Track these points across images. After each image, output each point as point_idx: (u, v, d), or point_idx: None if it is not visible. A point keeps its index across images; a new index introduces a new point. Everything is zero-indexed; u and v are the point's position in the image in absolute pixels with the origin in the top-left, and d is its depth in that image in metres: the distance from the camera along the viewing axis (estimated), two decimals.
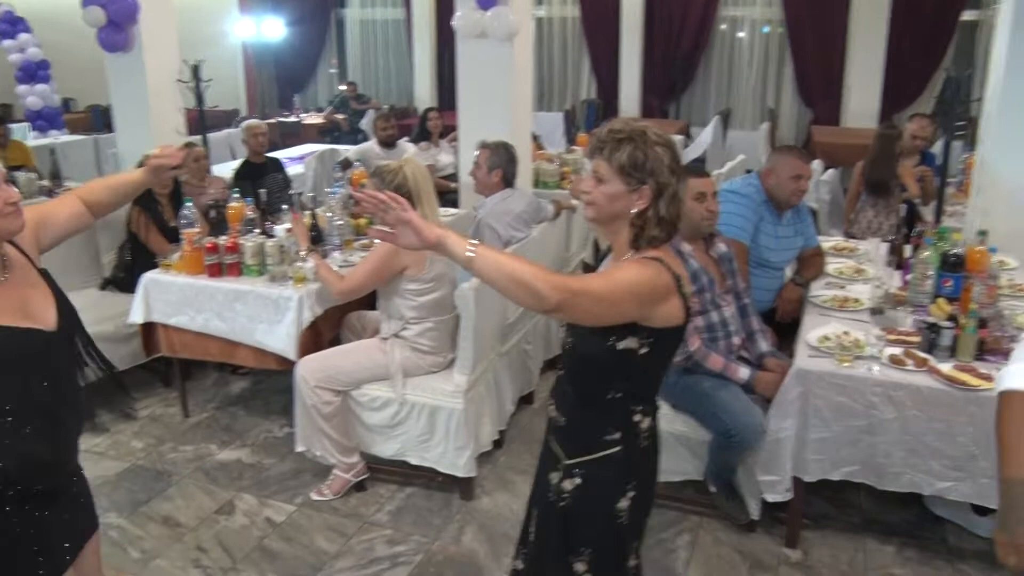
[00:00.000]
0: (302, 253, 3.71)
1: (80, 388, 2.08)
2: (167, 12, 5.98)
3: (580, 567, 2.04)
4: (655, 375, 1.98)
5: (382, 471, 3.68)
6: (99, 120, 9.70)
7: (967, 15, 10.33)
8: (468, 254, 1.72)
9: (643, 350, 1.88)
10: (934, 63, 10.29)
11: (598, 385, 1.98)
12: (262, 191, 4.72)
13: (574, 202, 4.94)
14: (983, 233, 3.73)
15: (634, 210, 1.88)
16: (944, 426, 2.83)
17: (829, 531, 3.32)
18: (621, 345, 1.87)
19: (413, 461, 3.54)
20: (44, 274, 2.02)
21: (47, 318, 1.93)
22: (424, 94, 12.27)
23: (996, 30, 4.80)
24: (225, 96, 11.67)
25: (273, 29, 12.61)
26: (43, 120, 9.24)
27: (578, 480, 2.01)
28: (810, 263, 3.99)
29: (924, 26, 10.30)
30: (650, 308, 1.84)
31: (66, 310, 1.99)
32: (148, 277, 3.99)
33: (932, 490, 2.95)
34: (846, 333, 3.17)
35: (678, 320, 1.91)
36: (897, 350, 3.03)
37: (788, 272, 4.03)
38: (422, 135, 7.18)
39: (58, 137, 8.91)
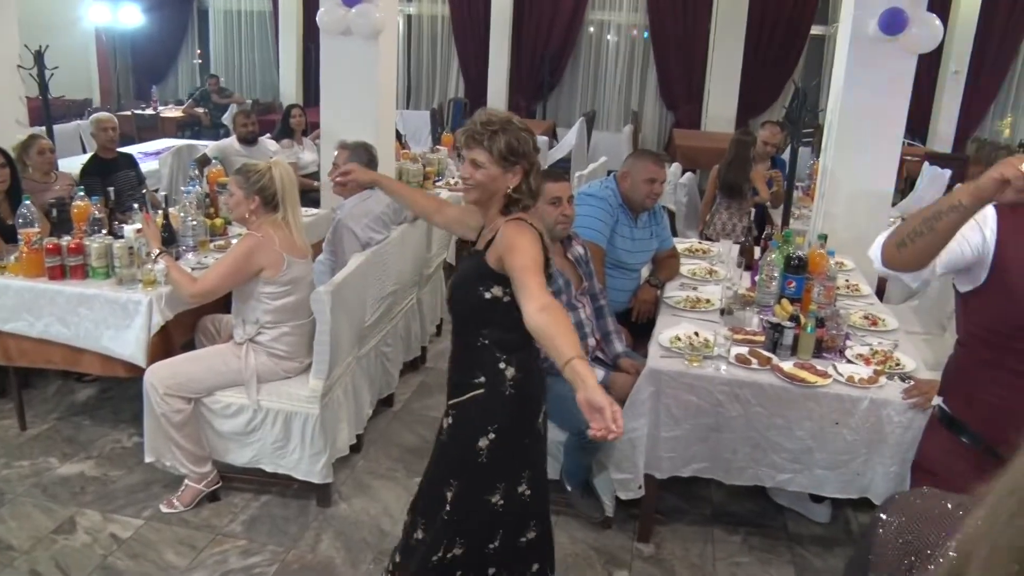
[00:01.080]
0: (153, 254, 3.56)
1: None
2: None
3: (448, 494, 2.41)
4: (520, 324, 2.10)
5: (236, 480, 3.57)
6: None
7: (816, 30, 10.96)
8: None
9: (506, 298, 2.21)
10: (786, 73, 10.86)
11: (470, 331, 2.33)
12: (111, 189, 4.50)
13: None
14: (823, 237, 3.94)
15: (510, 187, 2.23)
16: (784, 421, 2.97)
17: (681, 524, 3.44)
18: (488, 294, 2.24)
19: (268, 468, 3.45)
20: None
21: None
22: (289, 90, 11.98)
23: (837, 45, 5.09)
24: (77, 85, 11.08)
25: (130, 16, 12.03)
26: None
27: (450, 419, 2.40)
28: (665, 265, 4.12)
29: (777, 38, 10.87)
30: None
31: None
32: None
33: (773, 482, 3.10)
34: (696, 334, 3.28)
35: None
36: (743, 349, 3.17)
37: (644, 273, 4.15)
38: (284, 132, 7.00)
39: None
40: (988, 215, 1.98)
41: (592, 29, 11.80)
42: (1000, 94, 10.89)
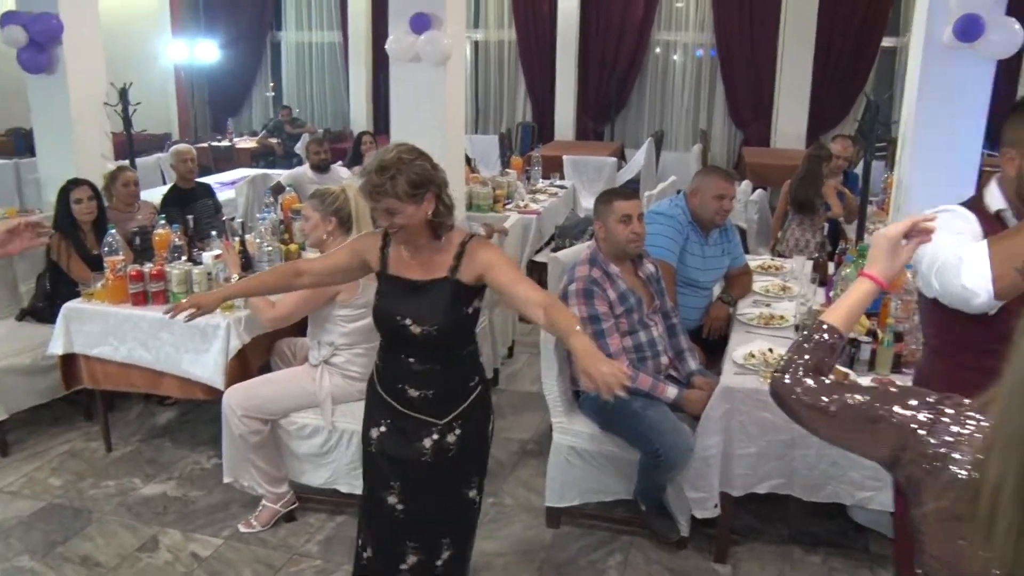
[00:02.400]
0: (233, 279, 3.65)
1: None
2: (93, 33, 5.86)
3: (472, 494, 2.56)
4: None
5: (312, 500, 3.62)
6: (20, 144, 9.40)
7: (887, 41, 10.74)
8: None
9: (480, 304, 2.46)
10: (857, 87, 10.66)
11: (458, 349, 2.45)
12: (190, 217, 4.65)
13: (506, 225, 4.97)
14: None
15: (429, 212, 2.30)
16: None
17: (757, 544, 3.36)
18: (471, 309, 2.41)
19: (343, 489, 3.49)
20: None
21: None
22: (360, 118, 12.22)
23: (909, 55, 4.98)
24: (156, 120, 11.48)
25: (206, 52, 12.46)
26: None
27: (458, 430, 2.45)
28: (737, 282, 4.06)
29: (847, 52, 10.68)
30: None
31: None
32: (69, 307, 3.88)
33: (853, 500, 3.02)
34: (771, 350, 3.23)
35: None
36: None
37: (716, 291, 4.10)
38: (356, 159, 7.14)
39: None
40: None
41: (658, 49, 11.78)
42: None
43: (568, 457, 3.33)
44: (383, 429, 2.51)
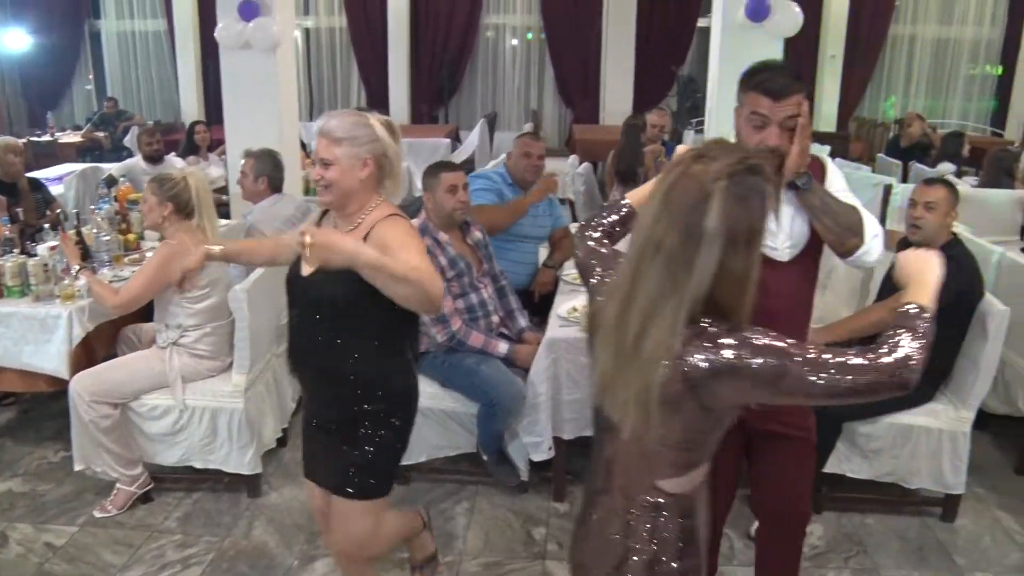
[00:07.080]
0: (74, 271, 3.65)
1: None
2: None
3: None
4: None
5: (167, 479, 3.70)
6: None
7: (702, 22, 11.45)
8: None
9: None
10: (677, 64, 11.31)
11: None
12: (19, 211, 4.55)
13: None
14: None
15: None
16: None
17: None
18: None
19: (198, 465, 3.58)
20: None
21: None
22: (191, 107, 11.91)
23: (712, 34, 5.46)
24: None
25: (15, 40, 11.78)
26: None
27: None
28: (560, 245, 4.39)
29: (667, 31, 11.33)
30: None
31: None
32: None
33: None
34: None
35: None
36: None
37: (542, 254, 4.43)
38: (190, 149, 7.07)
39: None
40: None
41: (489, 33, 12.09)
42: (875, 75, 11.59)
43: None
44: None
